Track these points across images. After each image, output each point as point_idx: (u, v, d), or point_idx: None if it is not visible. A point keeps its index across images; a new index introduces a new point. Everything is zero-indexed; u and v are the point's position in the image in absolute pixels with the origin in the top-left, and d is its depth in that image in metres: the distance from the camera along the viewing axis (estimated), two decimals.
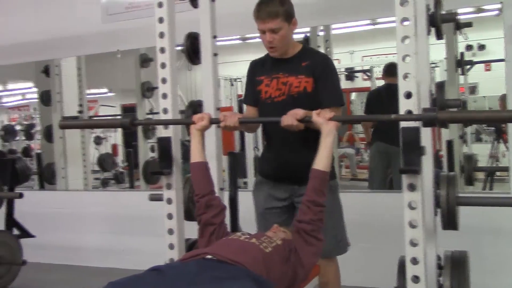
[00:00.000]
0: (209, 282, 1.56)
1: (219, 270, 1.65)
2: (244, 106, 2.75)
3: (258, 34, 2.46)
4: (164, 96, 2.47)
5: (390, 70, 4.60)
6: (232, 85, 7.28)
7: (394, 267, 2.06)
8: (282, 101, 2.41)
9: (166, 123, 2.47)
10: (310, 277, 2.15)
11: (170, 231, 2.47)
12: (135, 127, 2.25)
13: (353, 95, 8.68)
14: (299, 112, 2.11)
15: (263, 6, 2.34)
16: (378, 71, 7.45)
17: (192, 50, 2.77)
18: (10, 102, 10.97)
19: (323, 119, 2.01)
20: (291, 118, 2.10)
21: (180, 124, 2.57)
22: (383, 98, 4.55)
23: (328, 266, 2.51)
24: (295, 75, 2.41)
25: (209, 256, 1.76)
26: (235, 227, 2.65)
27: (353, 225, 2.61)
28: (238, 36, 5.87)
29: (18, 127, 9.21)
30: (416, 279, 1.94)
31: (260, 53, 2.63)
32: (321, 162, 1.97)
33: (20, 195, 3.75)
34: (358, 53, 8.31)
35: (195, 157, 2.17)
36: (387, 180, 4.69)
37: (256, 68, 2.57)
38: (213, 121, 2.24)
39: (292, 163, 2.44)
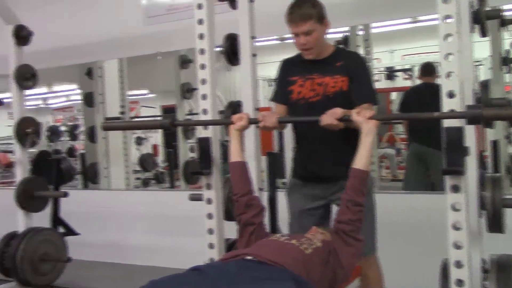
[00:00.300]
0: (249, 282, 1.56)
1: (259, 270, 1.65)
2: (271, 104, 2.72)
3: None
4: (204, 97, 2.50)
5: (427, 69, 4.55)
6: (270, 85, 7.27)
7: (436, 270, 2.02)
8: (317, 102, 2.40)
9: (205, 124, 2.49)
10: (351, 278, 2.13)
11: (210, 231, 2.49)
12: (175, 128, 2.28)
13: (393, 95, 8.54)
14: (338, 111, 2.10)
15: (295, 9, 2.33)
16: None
17: (231, 51, 2.79)
18: (55, 103, 11.29)
19: (363, 117, 1.99)
20: (330, 117, 2.10)
21: (219, 124, 2.59)
22: (419, 98, 4.46)
23: (370, 268, 2.47)
24: (331, 75, 2.40)
25: (249, 257, 1.76)
26: (274, 227, 2.65)
27: (393, 227, 2.57)
28: (276, 37, 5.86)
29: (62, 128, 9.45)
30: (460, 282, 1.90)
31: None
32: (360, 161, 1.95)
33: (65, 194, 3.83)
34: (399, 52, 8.17)
35: (234, 156, 2.18)
36: (428, 182, 4.57)
37: (289, 68, 2.56)
38: (252, 121, 2.25)
39: (329, 162, 2.43)
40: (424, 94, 4.38)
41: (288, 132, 4.29)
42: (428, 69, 4.52)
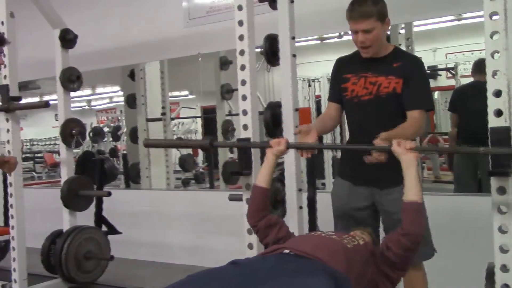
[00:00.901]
0: (285, 275, 1.56)
1: (297, 264, 1.65)
2: (323, 105, 2.71)
3: (336, 34, 2.44)
4: (244, 97, 2.51)
5: (480, 66, 4.35)
6: (310, 86, 7.23)
7: (481, 274, 1.96)
8: (369, 101, 2.37)
9: (244, 147, 2.45)
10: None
11: (249, 231, 2.50)
12: (214, 149, 2.27)
13: (436, 94, 8.36)
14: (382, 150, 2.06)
15: (356, 6, 2.29)
16: (463, 69, 7.13)
17: (271, 51, 2.79)
18: (99, 105, 11.55)
19: (403, 149, 1.88)
20: (379, 156, 2.10)
21: (257, 147, 2.56)
22: (469, 96, 4.35)
23: (414, 274, 2.41)
24: (385, 75, 2.35)
25: (287, 251, 1.76)
26: (313, 227, 2.64)
27: (436, 230, 2.51)
28: (316, 37, 5.83)
29: (105, 129, 9.66)
30: (506, 287, 1.84)
31: (338, 53, 2.60)
32: (410, 193, 1.83)
33: (109, 194, 3.89)
34: (441, 51, 7.99)
35: (261, 180, 2.11)
36: (475, 183, 4.45)
37: (343, 65, 2.52)
38: (289, 146, 2.17)
39: (378, 165, 2.37)
40: (473, 92, 4.29)
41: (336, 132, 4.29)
42: (481, 66, 4.31)
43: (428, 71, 8.20)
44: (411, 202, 1.83)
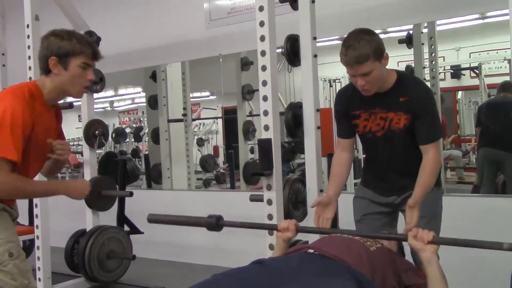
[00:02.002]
0: (311, 275, 1.56)
1: (321, 264, 1.64)
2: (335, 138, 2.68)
3: None
4: (265, 98, 2.51)
5: (506, 87, 4.62)
6: (331, 86, 7.19)
7: (507, 277, 1.93)
8: (383, 136, 2.33)
9: (249, 227, 2.29)
10: None
11: (271, 232, 2.49)
12: (221, 228, 2.23)
13: (459, 94, 8.24)
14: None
15: (350, 50, 2.12)
16: (487, 68, 7.01)
17: (292, 52, 2.78)
18: (121, 106, 11.65)
19: (420, 244, 1.75)
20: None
21: (263, 229, 2.47)
22: (494, 112, 4.46)
23: None
24: (394, 111, 2.27)
25: (311, 250, 1.75)
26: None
27: (460, 231, 2.48)
28: (337, 37, 5.80)
29: (128, 130, 9.74)
30: None
31: None
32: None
33: (131, 194, 3.92)
34: (465, 50, 7.86)
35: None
36: (498, 184, 4.42)
37: (348, 101, 2.41)
38: (299, 229, 2.07)
39: (396, 181, 2.40)
40: (499, 107, 4.39)
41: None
42: (507, 87, 4.60)
43: (451, 71, 8.13)
44: None
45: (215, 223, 2.19)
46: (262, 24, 2.51)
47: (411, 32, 4.45)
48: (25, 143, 1.96)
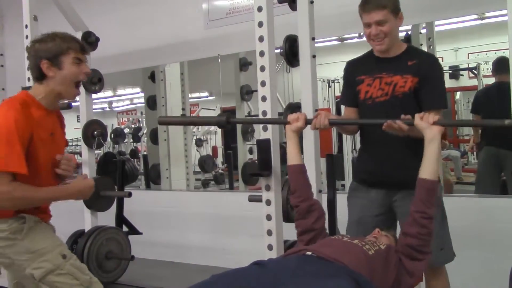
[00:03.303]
0: (309, 276, 1.56)
1: (319, 266, 1.64)
2: (342, 108, 2.68)
3: (356, 35, 2.42)
4: (264, 98, 2.51)
5: (501, 66, 4.22)
6: (329, 86, 7.20)
7: (505, 277, 1.93)
8: (384, 102, 2.32)
9: (260, 122, 2.48)
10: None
11: (269, 232, 2.50)
12: (230, 125, 2.26)
13: (458, 95, 8.25)
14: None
15: None
16: (486, 69, 7.02)
17: (291, 52, 2.78)
18: (120, 106, 11.65)
19: (426, 123, 1.87)
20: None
21: (275, 123, 2.56)
22: (493, 98, 4.27)
23: (436, 278, 2.38)
24: (401, 74, 2.30)
25: (309, 253, 1.75)
26: (333, 230, 2.62)
27: (459, 232, 2.48)
28: (335, 37, 5.80)
29: (126, 130, 9.73)
30: None
31: (358, 54, 2.56)
32: (427, 170, 1.85)
33: (129, 194, 3.92)
34: (464, 50, 7.88)
35: (292, 159, 2.12)
36: (499, 184, 4.38)
37: (355, 67, 2.47)
38: (308, 122, 2.16)
39: (394, 167, 2.34)
40: (497, 94, 4.20)
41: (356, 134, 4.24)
42: (502, 66, 4.13)
43: (450, 71, 8.15)
44: (428, 180, 1.84)
45: (225, 121, 2.24)
46: (260, 24, 2.51)
47: (409, 32, 4.46)
48: (30, 149, 1.96)
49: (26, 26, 3.46)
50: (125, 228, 4.12)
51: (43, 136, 2.04)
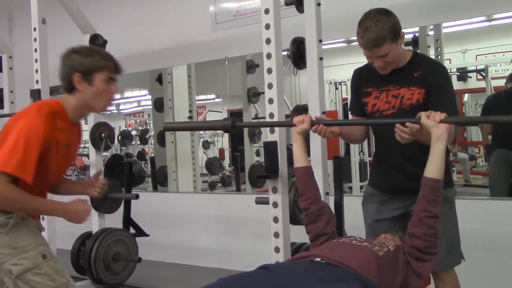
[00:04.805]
0: (317, 283, 1.55)
1: (328, 272, 1.63)
2: (349, 113, 2.66)
3: None
4: (270, 101, 2.50)
5: None
6: (336, 88, 7.19)
7: None
8: (392, 115, 2.28)
9: (266, 125, 2.47)
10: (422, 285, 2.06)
11: (276, 235, 2.49)
12: (236, 130, 2.24)
13: (466, 97, 8.21)
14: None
15: (367, 33, 2.13)
16: (494, 70, 7.00)
17: (298, 54, 2.78)
18: (127, 109, 11.70)
19: (433, 121, 1.85)
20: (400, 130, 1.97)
21: (280, 126, 2.55)
22: (503, 104, 4.30)
23: (445, 280, 2.35)
24: (407, 87, 2.25)
25: (318, 259, 1.74)
26: (340, 232, 2.61)
27: (469, 235, 2.46)
28: (343, 39, 5.79)
29: (134, 132, 9.77)
30: None
31: (364, 57, 2.55)
32: (432, 169, 1.84)
33: (137, 196, 3.90)
34: (471, 52, 7.85)
35: (299, 161, 2.11)
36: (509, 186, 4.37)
37: (362, 78, 2.42)
38: (314, 123, 2.14)
39: (406, 174, 2.30)
40: (505, 99, 4.26)
41: None
42: None
43: (457, 73, 8.12)
44: (432, 179, 1.82)
45: (230, 125, 2.19)
46: (267, 27, 2.51)
47: (417, 34, 4.45)
48: (44, 158, 1.96)
49: (35, 29, 3.48)
50: (132, 230, 4.13)
51: (60, 148, 2.05)
